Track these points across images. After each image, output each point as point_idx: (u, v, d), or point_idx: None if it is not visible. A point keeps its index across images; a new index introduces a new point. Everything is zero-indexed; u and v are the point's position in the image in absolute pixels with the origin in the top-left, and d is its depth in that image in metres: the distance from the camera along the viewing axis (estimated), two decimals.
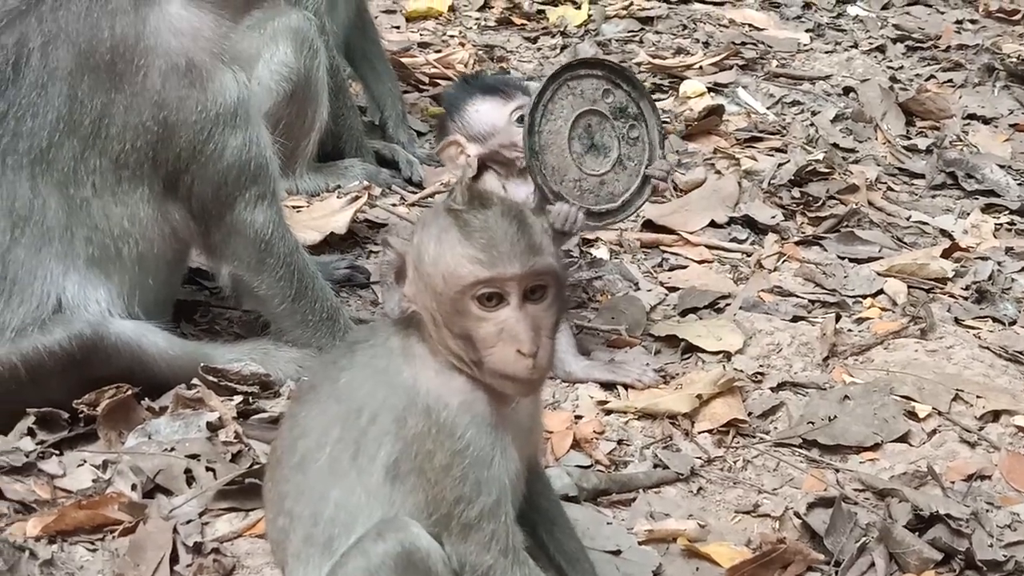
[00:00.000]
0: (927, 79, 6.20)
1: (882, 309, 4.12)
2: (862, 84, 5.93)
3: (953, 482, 3.27)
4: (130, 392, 3.19)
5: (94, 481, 3.01)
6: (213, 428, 3.16)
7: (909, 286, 4.24)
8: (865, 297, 4.19)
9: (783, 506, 3.16)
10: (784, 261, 4.42)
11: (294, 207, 4.44)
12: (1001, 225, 4.90)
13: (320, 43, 4.50)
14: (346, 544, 2.28)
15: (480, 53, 6.02)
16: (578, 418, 3.42)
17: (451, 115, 3.80)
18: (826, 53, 6.39)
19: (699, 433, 3.42)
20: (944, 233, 4.76)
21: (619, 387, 3.58)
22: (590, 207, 3.52)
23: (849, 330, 3.96)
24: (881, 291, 4.22)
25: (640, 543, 2.97)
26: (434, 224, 2.28)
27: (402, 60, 5.69)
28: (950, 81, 6.20)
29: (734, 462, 3.34)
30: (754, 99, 5.79)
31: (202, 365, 3.32)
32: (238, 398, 3.30)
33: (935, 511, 3.04)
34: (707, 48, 6.28)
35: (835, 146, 5.35)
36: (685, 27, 6.58)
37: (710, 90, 5.79)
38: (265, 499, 2.47)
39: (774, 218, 4.68)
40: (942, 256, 4.47)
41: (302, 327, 3.47)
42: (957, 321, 4.05)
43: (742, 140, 5.38)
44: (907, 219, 4.85)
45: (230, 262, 3.40)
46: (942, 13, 7.11)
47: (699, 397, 3.48)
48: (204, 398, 3.24)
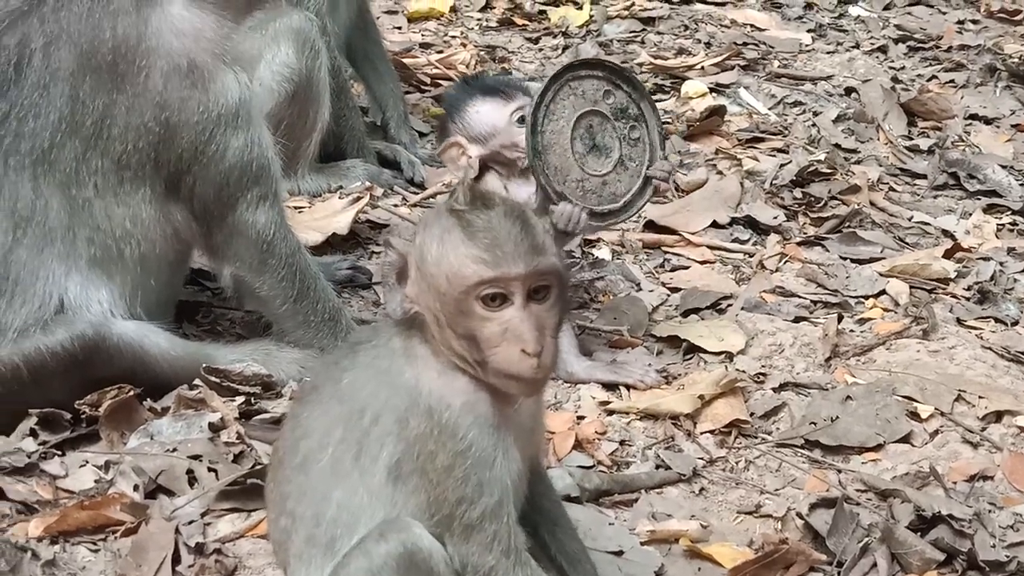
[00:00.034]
0: (929, 79, 6.19)
1: (884, 309, 4.12)
2: (864, 84, 5.93)
3: (955, 483, 3.26)
4: (132, 393, 3.20)
5: (96, 482, 3.01)
6: (215, 429, 3.16)
7: (911, 286, 4.24)
8: (867, 297, 4.19)
9: (785, 507, 3.16)
10: (786, 261, 4.42)
11: (296, 208, 4.45)
12: (1003, 225, 4.89)
13: (322, 44, 4.50)
14: (348, 545, 2.28)
15: (482, 54, 6.02)
16: (580, 419, 3.42)
17: (452, 116, 3.80)
18: (828, 53, 6.39)
19: (701, 434, 3.42)
20: (946, 233, 4.76)
21: (621, 388, 3.58)
22: (593, 207, 3.52)
23: (851, 330, 3.96)
24: (883, 291, 4.22)
25: (642, 544, 2.97)
26: (436, 225, 2.27)
27: (404, 61, 5.70)
28: (952, 81, 6.20)
29: (736, 463, 3.34)
30: (756, 99, 5.79)
31: (204, 366, 3.32)
32: (240, 399, 3.31)
33: (937, 512, 3.04)
34: (709, 48, 6.28)
35: (837, 146, 5.35)
36: (687, 27, 6.58)
37: (712, 90, 5.79)
38: (267, 499, 2.47)
39: (776, 218, 4.68)
40: (944, 256, 4.47)
41: (304, 328, 3.47)
42: (959, 321, 4.05)
43: (744, 140, 5.37)
44: (909, 219, 4.85)
45: (232, 263, 3.40)
46: (944, 13, 7.10)
47: (701, 398, 3.48)
48: (206, 399, 3.25)
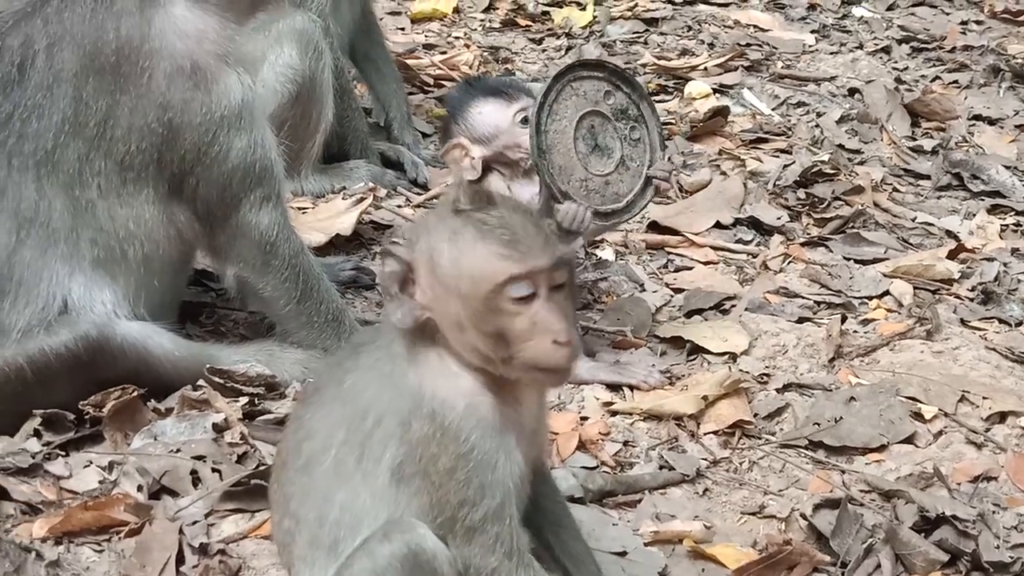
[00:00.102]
0: (932, 80, 6.19)
1: (888, 310, 4.12)
2: (867, 85, 5.92)
3: (959, 483, 3.26)
4: (136, 393, 3.20)
5: (100, 482, 3.01)
6: (219, 429, 3.16)
7: (915, 287, 4.24)
8: (871, 298, 4.19)
9: (789, 507, 3.16)
10: (789, 262, 4.41)
11: (299, 208, 4.45)
12: (1007, 226, 4.89)
13: (325, 45, 4.50)
14: (351, 546, 2.28)
15: (485, 55, 6.02)
16: (584, 419, 3.42)
17: (454, 118, 3.80)
18: (831, 54, 6.38)
19: (705, 434, 3.42)
20: (950, 234, 4.75)
21: (625, 388, 3.58)
22: (597, 207, 3.52)
23: (855, 331, 3.96)
24: (887, 292, 4.21)
25: (646, 544, 2.97)
26: (442, 227, 2.26)
27: (407, 62, 5.70)
28: (955, 82, 6.19)
29: (740, 463, 3.34)
30: (759, 100, 5.79)
31: (208, 366, 3.33)
32: (244, 399, 3.30)
33: (941, 512, 3.04)
34: (712, 49, 6.28)
35: (840, 147, 5.35)
36: (690, 28, 6.58)
37: (715, 91, 5.79)
38: (271, 501, 2.47)
39: (779, 219, 4.67)
40: (948, 257, 4.46)
41: (307, 328, 3.47)
42: (963, 322, 4.04)
43: (747, 141, 5.37)
44: (913, 220, 4.85)
45: (235, 264, 3.40)
46: (947, 14, 7.09)
47: (705, 398, 3.47)
48: (210, 399, 3.25)
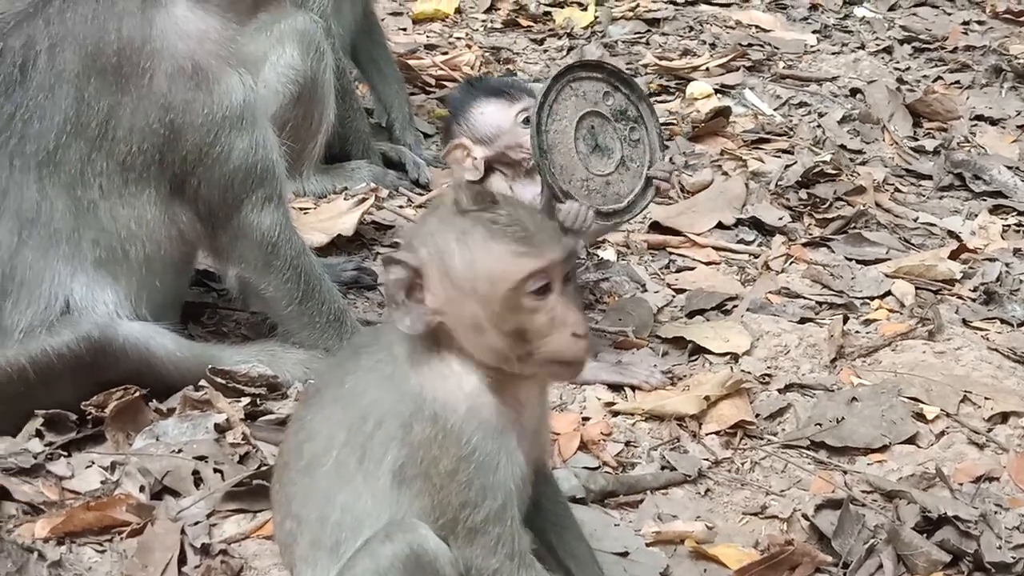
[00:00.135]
0: (934, 80, 6.18)
1: (890, 311, 4.11)
2: (869, 85, 5.92)
3: (961, 484, 3.26)
4: (138, 394, 3.20)
5: (102, 482, 3.01)
6: (221, 430, 3.16)
7: (917, 287, 4.24)
8: (873, 299, 4.19)
9: (791, 508, 3.15)
10: (791, 262, 4.41)
11: (301, 209, 4.45)
12: (1009, 226, 4.88)
13: (326, 45, 4.50)
14: (353, 547, 2.28)
15: (486, 55, 6.02)
16: (585, 420, 3.42)
17: (456, 119, 3.80)
18: (833, 54, 6.38)
19: (706, 435, 3.42)
20: (952, 234, 4.75)
21: (626, 389, 3.58)
22: (598, 207, 3.52)
23: (857, 332, 3.96)
24: (889, 292, 4.21)
25: (648, 545, 2.97)
26: (450, 230, 2.24)
27: (408, 62, 5.70)
28: (957, 82, 6.19)
29: (742, 464, 3.33)
30: (761, 100, 5.78)
31: (210, 367, 3.33)
32: (246, 400, 3.30)
33: (943, 513, 3.04)
34: (714, 50, 6.27)
35: (842, 147, 5.35)
36: (692, 29, 6.57)
37: (717, 91, 5.79)
38: (273, 502, 2.47)
39: (781, 219, 4.67)
40: (950, 257, 4.46)
41: (309, 329, 3.47)
42: (965, 323, 4.04)
43: (749, 142, 5.37)
44: (914, 220, 4.84)
45: (237, 264, 3.41)
46: (949, 14, 7.09)
47: (706, 399, 3.47)
48: (212, 400, 3.25)
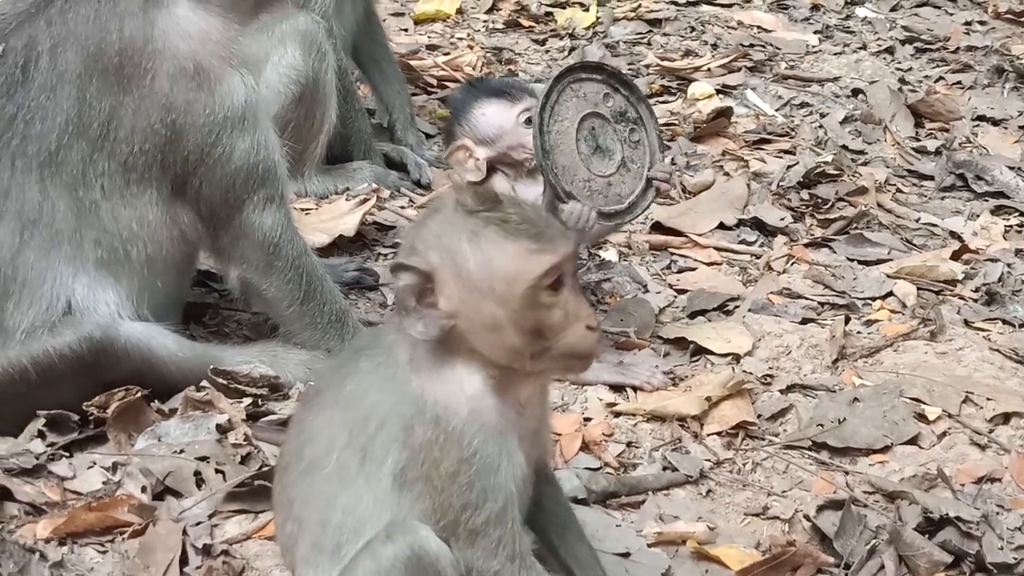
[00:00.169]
0: (936, 81, 6.18)
1: (891, 311, 4.11)
2: (871, 86, 5.91)
3: (963, 484, 3.26)
4: (140, 394, 3.20)
5: (104, 483, 3.01)
6: (222, 430, 3.16)
7: (918, 288, 4.23)
8: (874, 299, 4.18)
9: (792, 508, 3.15)
10: (793, 263, 4.41)
11: (303, 209, 4.45)
12: (1011, 227, 4.88)
13: (328, 46, 4.50)
14: (354, 550, 2.28)
15: (488, 56, 6.02)
16: (587, 420, 3.42)
17: (458, 120, 3.80)
18: (835, 55, 6.38)
19: (708, 435, 3.41)
20: (953, 235, 4.75)
21: (628, 389, 3.57)
22: (600, 208, 3.52)
23: (858, 332, 3.95)
24: (890, 293, 4.21)
25: (649, 545, 2.96)
26: (459, 232, 2.23)
27: (410, 63, 5.70)
28: (959, 83, 6.18)
29: (743, 464, 3.33)
30: (763, 101, 5.78)
31: (211, 367, 3.33)
32: (247, 400, 3.30)
33: (945, 514, 3.03)
34: (715, 50, 6.27)
35: (844, 148, 5.34)
36: (693, 29, 6.57)
37: (718, 92, 5.78)
38: (274, 503, 2.47)
39: (783, 220, 4.67)
40: (951, 258, 4.46)
41: (311, 329, 3.47)
42: (967, 323, 4.04)
43: (751, 142, 5.37)
44: (916, 221, 4.84)
45: (239, 265, 3.41)
46: (951, 15, 7.09)
47: (708, 399, 3.47)
48: (213, 400, 3.25)
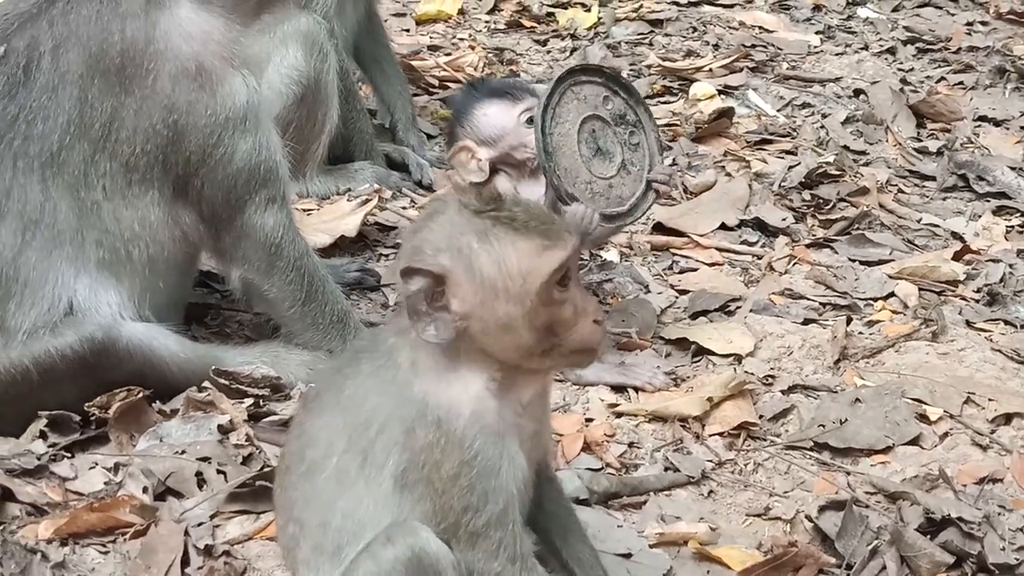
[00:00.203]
0: (938, 81, 6.18)
1: (893, 312, 4.11)
2: (872, 86, 5.92)
3: (965, 485, 3.25)
4: (141, 395, 3.20)
5: (105, 484, 3.01)
6: (224, 431, 3.17)
7: (920, 288, 4.23)
8: (876, 300, 4.18)
9: (794, 509, 3.15)
10: (795, 264, 4.41)
11: (304, 210, 4.45)
12: (1012, 227, 4.88)
13: (330, 46, 4.51)
14: (355, 552, 2.28)
15: (490, 56, 6.02)
16: (588, 421, 3.42)
17: (459, 121, 3.80)
18: (836, 55, 6.38)
19: (710, 436, 3.41)
20: (955, 235, 4.75)
21: (629, 390, 3.57)
22: (602, 209, 3.52)
23: (860, 333, 3.95)
24: (892, 294, 4.21)
25: (651, 546, 2.96)
26: (468, 233, 2.23)
27: (412, 63, 5.70)
28: (961, 83, 6.18)
29: (745, 465, 3.33)
30: (764, 101, 5.78)
31: (213, 368, 3.33)
32: (249, 401, 3.30)
33: (947, 514, 3.03)
34: (717, 51, 6.27)
35: (846, 148, 5.34)
36: (695, 29, 6.57)
37: (720, 92, 5.79)
38: (276, 505, 2.47)
39: (784, 220, 4.67)
40: (953, 258, 4.45)
41: (312, 330, 3.47)
42: (968, 324, 4.04)
43: (752, 142, 5.37)
44: (918, 221, 4.84)
45: (240, 265, 3.41)
46: (952, 15, 7.09)
47: (710, 400, 3.47)
48: (215, 401, 3.25)
